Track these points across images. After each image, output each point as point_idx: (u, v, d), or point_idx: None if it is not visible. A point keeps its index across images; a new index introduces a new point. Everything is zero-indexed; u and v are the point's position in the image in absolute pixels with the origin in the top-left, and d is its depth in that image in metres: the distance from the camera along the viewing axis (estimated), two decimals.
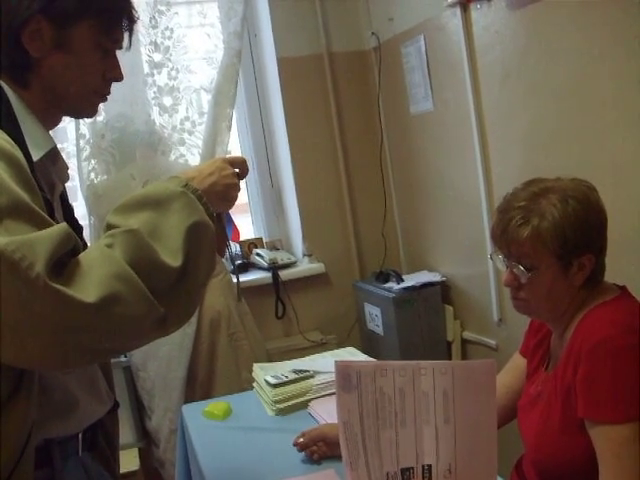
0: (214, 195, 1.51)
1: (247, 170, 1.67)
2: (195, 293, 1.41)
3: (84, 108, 1.64)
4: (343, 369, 1.51)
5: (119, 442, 1.87)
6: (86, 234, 3.18)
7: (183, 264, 1.32)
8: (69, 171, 1.76)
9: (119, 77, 1.64)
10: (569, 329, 1.86)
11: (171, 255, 1.31)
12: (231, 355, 3.57)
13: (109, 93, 1.65)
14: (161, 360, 3.53)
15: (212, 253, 1.44)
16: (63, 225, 1.24)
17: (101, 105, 1.70)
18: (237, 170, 1.62)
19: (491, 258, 2.00)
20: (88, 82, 1.57)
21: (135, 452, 3.63)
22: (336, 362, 1.51)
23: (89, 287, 1.20)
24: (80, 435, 1.61)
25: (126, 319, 1.24)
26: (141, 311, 1.25)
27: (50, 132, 1.59)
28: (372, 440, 1.52)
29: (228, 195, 1.57)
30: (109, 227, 1.33)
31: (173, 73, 3.63)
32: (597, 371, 1.68)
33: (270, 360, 3.41)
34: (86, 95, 1.59)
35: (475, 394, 1.59)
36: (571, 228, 1.77)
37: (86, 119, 3.39)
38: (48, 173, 1.56)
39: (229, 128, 3.68)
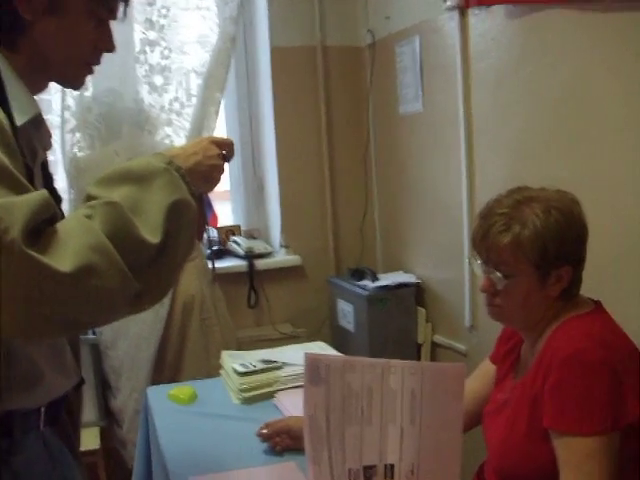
0: (197, 175, 1.48)
1: (233, 153, 1.65)
2: (172, 272, 1.39)
3: (72, 77, 1.61)
4: (312, 362, 1.50)
5: (81, 420, 1.86)
6: (66, 208, 3.15)
7: (162, 241, 1.30)
8: (52, 143, 1.73)
9: (111, 48, 1.61)
10: (541, 339, 1.86)
11: (151, 231, 1.29)
12: (201, 340, 3.56)
13: (99, 63, 1.62)
14: (131, 340, 3.51)
15: (192, 233, 1.41)
16: (43, 192, 1.22)
17: (89, 78, 1.68)
18: (223, 152, 1.60)
19: (469, 262, 2.00)
20: (79, 50, 1.54)
21: (96, 431, 3.61)
22: (306, 354, 1.50)
23: (65, 256, 1.17)
24: (43, 409, 1.59)
25: (100, 292, 1.22)
26: (116, 285, 1.23)
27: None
28: (337, 435, 1.51)
29: (211, 176, 1.55)
30: (89, 198, 1.31)
31: (166, 52, 3.61)
32: (566, 382, 1.68)
33: (239, 349, 3.40)
34: (75, 63, 1.56)
35: (443, 397, 1.59)
36: (552, 239, 1.76)
37: (73, 91, 3.37)
38: (31, 139, 1.53)
39: (217, 113, 3.67)
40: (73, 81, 1.64)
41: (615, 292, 2.31)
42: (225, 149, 1.61)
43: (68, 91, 3.40)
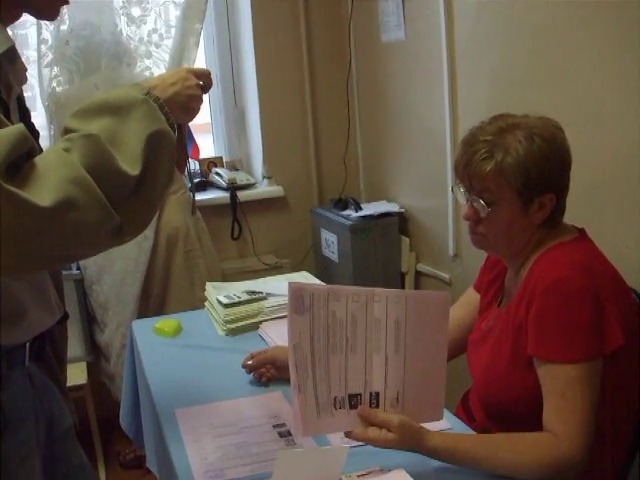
0: (176, 105, 1.47)
1: (211, 83, 1.64)
2: (153, 203, 1.38)
3: (45, 8, 1.57)
4: (296, 291, 1.50)
5: (67, 354, 1.86)
6: (45, 144, 3.11)
7: (142, 172, 1.29)
8: (29, 78, 1.70)
9: None
10: (525, 267, 1.86)
11: (130, 163, 1.28)
12: (186, 273, 3.56)
13: None
14: (116, 274, 3.51)
15: (171, 163, 1.40)
16: (19, 126, 1.20)
17: (65, 10, 1.64)
18: (201, 82, 1.58)
19: (452, 190, 1.99)
20: None
21: (83, 366, 3.63)
22: (290, 284, 1.50)
23: (44, 191, 1.16)
24: (27, 345, 1.59)
25: (81, 225, 1.21)
26: (96, 218, 1.23)
27: (9, 31, 1.53)
28: (321, 364, 1.52)
29: (190, 106, 1.54)
30: (67, 131, 1.29)
31: None
32: (550, 310, 1.69)
33: (224, 280, 3.40)
34: None
35: (427, 325, 1.61)
36: (535, 166, 1.75)
37: (49, 24, 3.31)
38: (5, 74, 1.50)
39: (197, 44, 3.61)
40: (47, 11, 1.60)
41: (598, 219, 2.32)
42: (203, 79, 1.59)
43: (44, 25, 3.34)
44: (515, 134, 1.77)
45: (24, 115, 1.61)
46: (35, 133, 1.61)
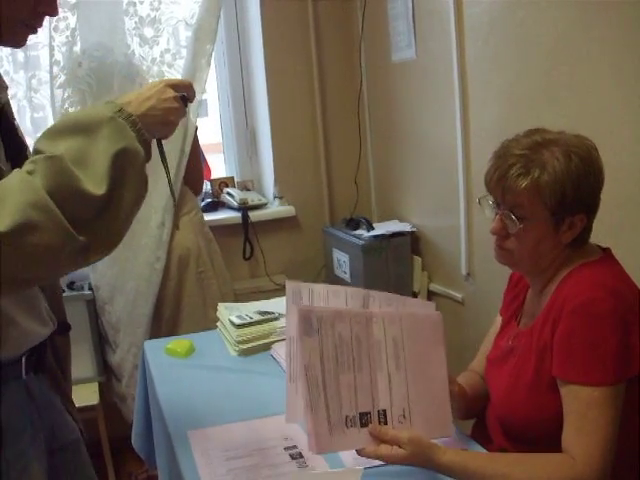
0: (151, 119, 1.45)
1: (194, 93, 1.61)
2: (121, 222, 1.35)
3: (8, 38, 1.53)
4: (305, 314, 1.53)
5: (70, 363, 1.87)
6: None
7: (107, 192, 1.28)
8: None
9: (52, 12, 1.54)
10: (550, 286, 1.84)
11: (95, 183, 1.27)
12: (198, 294, 3.56)
13: (40, 26, 1.56)
14: (128, 295, 3.52)
15: (140, 181, 1.37)
16: None
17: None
18: (183, 94, 1.56)
19: (479, 203, 1.95)
20: (15, 9, 1.47)
21: (95, 386, 3.63)
22: (298, 308, 1.53)
23: (3, 215, 1.17)
24: (24, 359, 1.59)
25: (41, 248, 1.21)
26: (57, 241, 1.23)
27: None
28: (332, 383, 1.57)
29: (167, 120, 1.50)
30: (35, 152, 1.30)
31: (155, 4, 3.56)
32: (577, 332, 1.67)
33: (236, 301, 3.40)
34: (12, 26, 1.49)
35: (424, 343, 1.68)
36: (571, 185, 1.72)
37: (61, 46, 3.32)
38: None
39: (208, 64, 3.63)
40: (10, 40, 1.56)
41: (619, 239, 2.30)
42: (184, 91, 1.57)
43: (56, 46, 3.36)
44: (552, 150, 1.74)
45: (7, 129, 1.59)
46: (21, 146, 1.60)
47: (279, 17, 4.09)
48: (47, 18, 1.55)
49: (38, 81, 3.54)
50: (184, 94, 1.57)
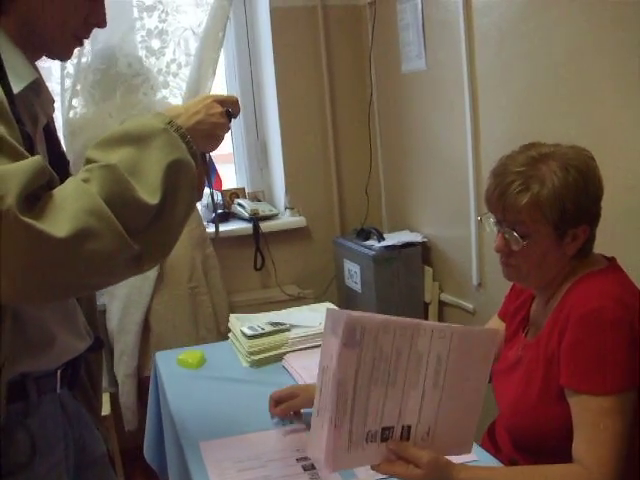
0: (199, 133, 1.47)
1: (239, 109, 1.64)
2: (173, 232, 1.38)
3: (59, 49, 1.58)
4: (351, 324, 1.39)
5: (102, 381, 1.88)
6: None
7: (161, 202, 1.29)
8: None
9: (102, 24, 1.58)
10: (556, 297, 1.85)
11: (149, 192, 1.28)
12: (189, 309, 3.54)
13: (88, 37, 1.60)
14: (120, 301, 3.51)
15: (192, 192, 1.39)
16: (37, 158, 1.20)
17: (87, 46, 1.65)
18: (228, 109, 1.59)
19: (480, 220, 1.96)
20: (68, 23, 1.51)
21: (107, 397, 3.60)
22: (347, 315, 1.39)
23: (61, 222, 1.17)
24: (59, 372, 1.60)
25: (98, 255, 1.21)
26: (114, 248, 1.23)
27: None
28: (361, 398, 1.44)
29: (214, 134, 1.54)
30: (88, 162, 1.30)
31: (163, 16, 3.59)
32: (584, 341, 1.67)
33: (247, 311, 3.39)
34: (63, 36, 1.54)
35: (470, 362, 1.55)
36: (571, 198, 1.73)
37: (72, 59, 3.34)
38: (31, 106, 1.51)
39: (214, 73, 3.65)
40: (60, 53, 1.61)
41: (624, 248, 2.30)
42: (229, 106, 1.60)
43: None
44: (549, 164, 1.75)
45: (53, 145, 1.62)
46: (65, 163, 1.63)
47: (289, 28, 4.10)
48: None
49: (51, 92, 3.55)
50: (229, 109, 1.59)
